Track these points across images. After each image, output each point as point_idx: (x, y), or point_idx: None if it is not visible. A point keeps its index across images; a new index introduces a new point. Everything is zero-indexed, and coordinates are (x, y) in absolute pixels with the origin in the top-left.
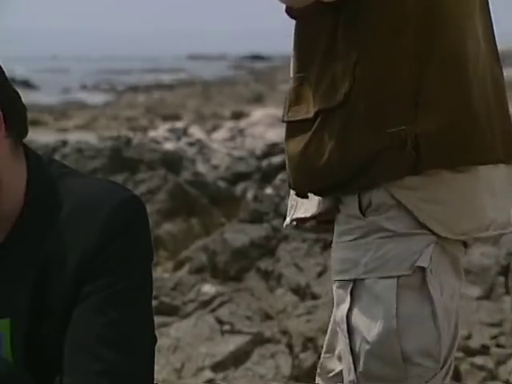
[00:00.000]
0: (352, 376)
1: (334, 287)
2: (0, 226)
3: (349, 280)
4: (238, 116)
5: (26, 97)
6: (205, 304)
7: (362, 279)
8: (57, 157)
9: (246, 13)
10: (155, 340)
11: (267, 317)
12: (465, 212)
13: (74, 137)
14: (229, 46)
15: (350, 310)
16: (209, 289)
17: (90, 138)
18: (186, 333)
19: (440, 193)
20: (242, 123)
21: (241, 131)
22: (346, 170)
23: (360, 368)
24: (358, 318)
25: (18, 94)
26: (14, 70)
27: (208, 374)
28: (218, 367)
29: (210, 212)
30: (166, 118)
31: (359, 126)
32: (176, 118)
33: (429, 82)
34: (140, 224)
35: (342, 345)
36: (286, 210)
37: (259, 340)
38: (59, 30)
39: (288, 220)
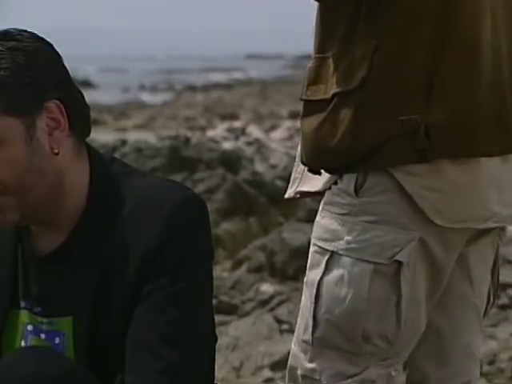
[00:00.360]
0: (307, 336)
1: (312, 249)
2: (63, 225)
3: (327, 250)
4: (295, 115)
5: (87, 96)
6: (263, 303)
7: (341, 254)
8: (116, 156)
9: (303, 12)
10: (215, 339)
11: None
12: (464, 202)
13: (133, 136)
14: (286, 46)
15: (321, 277)
16: (267, 288)
17: (148, 137)
18: (245, 332)
19: (442, 182)
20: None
21: (298, 130)
22: (356, 152)
23: (318, 333)
24: (328, 288)
25: (81, 93)
26: (76, 70)
27: (267, 373)
28: (276, 366)
29: (268, 211)
30: (224, 117)
31: (373, 111)
32: (234, 117)
33: (442, 73)
34: (201, 223)
35: (304, 304)
36: None
37: None
38: (114, 30)
39: (291, 192)
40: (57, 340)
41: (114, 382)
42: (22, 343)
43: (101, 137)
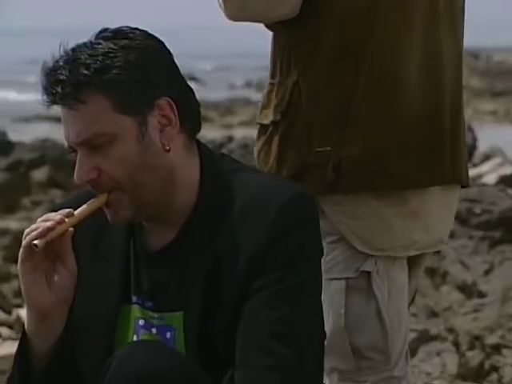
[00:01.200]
0: None
1: None
2: (174, 221)
3: None
4: None
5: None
6: None
7: None
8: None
9: None
10: (325, 336)
11: (433, 314)
12: (383, 231)
13: (239, 133)
14: None
15: None
16: None
17: (254, 133)
18: None
19: (361, 210)
20: None
21: None
22: None
23: None
24: None
25: (192, 90)
26: (184, 67)
27: None
28: None
29: None
30: None
31: (294, 142)
32: None
33: (359, 108)
34: (310, 219)
35: None
36: None
37: (425, 337)
38: (219, 27)
39: None
40: (168, 335)
41: (223, 377)
42: (134, 338)
43: (208, 133)
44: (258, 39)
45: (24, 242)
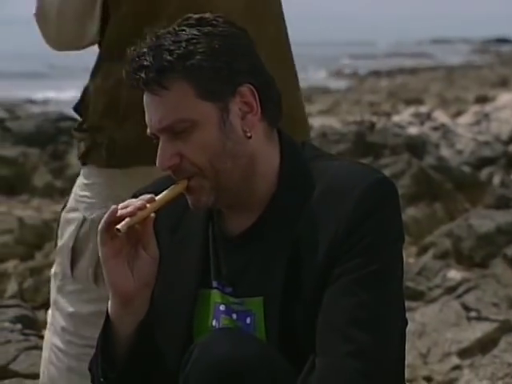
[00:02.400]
0: None
1: None
2: (254, 208)
3: None
4: (482, 100)
5: None
6: (450, 290)
7: None
8: None
9: None
10: (406, 323)
11: None
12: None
13: (317, 121)
14: (472, 30)
15: None
16: (454, 275)
17: (333, 122)
18: (432, 318)
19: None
20: (488, 107)
21: (486, 115)
22: None
23: None
24: None
25: (272, 78)
26: None
27: (454, 360)
28: (464, 354)
29: (454, 197)
30: (409, 102)
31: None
32: (418, 102)
33: (128, 93)
34: (392, 205)
35: None
36: None
37: (507, 327)
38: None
39: None
40: (248, 320)
41: (303, 363)
42: (214, 323)
43: None
44: (337, 27)
45: (100, 227)
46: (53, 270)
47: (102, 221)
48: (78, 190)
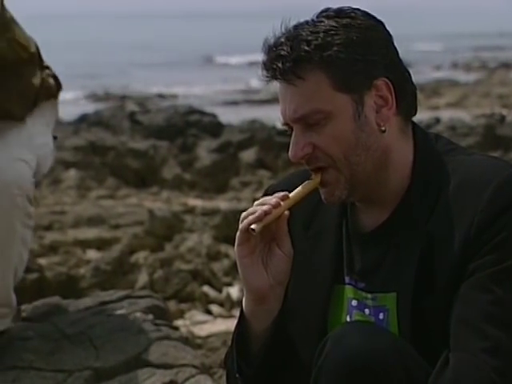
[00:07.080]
0: None
1: None
2: (387, 202)
3: None
4: None
5: None
6: None
7: None
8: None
9: None
10: None
11: None
12: None
13: (445, 114)
14: None
15: None
16: None
17: (462, 115)
18: None
19: None
20: None
21: None
22: None
23: None
24: None
25: (408, 72)
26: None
27: None
28: None
29: None
30: None
31: None
32: None
33: None
34: None
35: None
36: None
37: None
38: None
39: None
40: (381, 315)
41: (435, 359)
42: (347, 318)
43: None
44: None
45: (241, 226)
46: None
47: (245, 221)
48: None
